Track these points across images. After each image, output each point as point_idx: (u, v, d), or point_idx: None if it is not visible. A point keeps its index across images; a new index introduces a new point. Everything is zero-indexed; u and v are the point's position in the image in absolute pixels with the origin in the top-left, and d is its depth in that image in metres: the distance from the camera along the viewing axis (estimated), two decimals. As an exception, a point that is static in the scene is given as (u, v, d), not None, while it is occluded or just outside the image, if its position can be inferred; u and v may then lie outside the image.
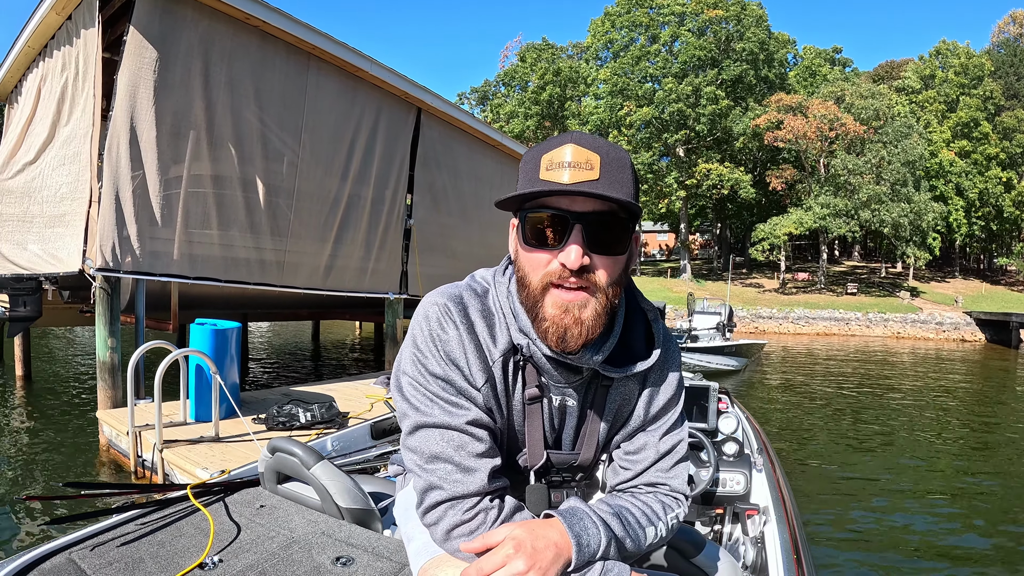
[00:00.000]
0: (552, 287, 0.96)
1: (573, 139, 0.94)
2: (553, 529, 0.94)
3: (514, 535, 0.91)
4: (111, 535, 1.48)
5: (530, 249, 0.97)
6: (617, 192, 0.92)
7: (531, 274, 0.97)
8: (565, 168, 0.92)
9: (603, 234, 0.94)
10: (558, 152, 0.93)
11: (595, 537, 0.96)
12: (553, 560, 0.90)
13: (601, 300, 0.96)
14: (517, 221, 1.01)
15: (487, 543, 0.93)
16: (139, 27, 5.85)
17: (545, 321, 0.97)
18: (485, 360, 1.03)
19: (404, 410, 1.04)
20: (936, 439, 8.24)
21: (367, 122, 8.41)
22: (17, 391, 8.67)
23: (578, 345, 0.98)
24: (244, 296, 8.70)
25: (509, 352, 1.05)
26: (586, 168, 0.92)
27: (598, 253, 0.95)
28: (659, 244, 64.17)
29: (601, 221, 0.94)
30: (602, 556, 0.96)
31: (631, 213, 0.97)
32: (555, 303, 0.95)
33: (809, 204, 36.85)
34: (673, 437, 1.16)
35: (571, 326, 0.95)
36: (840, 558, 4.24)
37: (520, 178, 0.99)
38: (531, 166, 0.96)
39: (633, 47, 41.93)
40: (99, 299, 5.96)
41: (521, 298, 1.02)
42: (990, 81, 42.26)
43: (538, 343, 1.01)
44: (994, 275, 46.53)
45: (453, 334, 1.02)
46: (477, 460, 0.99)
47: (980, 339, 29.41)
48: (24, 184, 7.03)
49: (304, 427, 5.11)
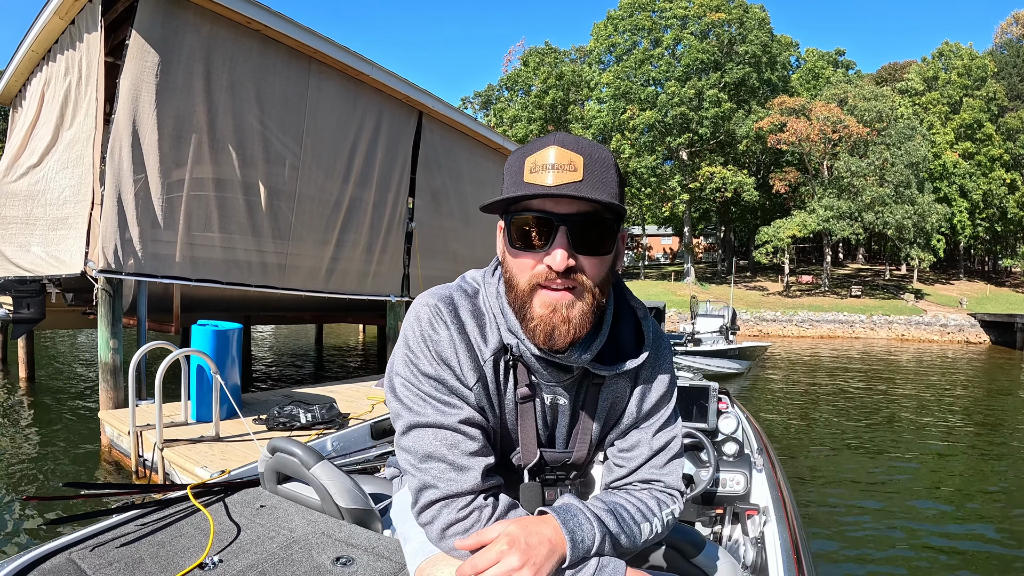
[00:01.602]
0: (539, 288, 0.96)
1: (556, 140, 0.94)
2: (547, 525, 0.94)
3: (508, 531, 0.91)
4: (111, 535, 1.48)
5: (516, 252, 0.98)
6: (601, 193, 0.93)
7: (518, 276, 0.98)
8: (549, 170, 0.92)
9: (588, 235, 0.95)
10: (541, 154, 0.93)
11: (589, 533, 0.97)
12: (547, 556, 0.90)
13: (588, 299, 0.97)
14: (503, 224, 1.02)
15: (481, 540, 0.93)
16: (141, 31, 5.89)
17: (533, 320, 0.97)
18: (476, 360, 1.04)
19: (397, 410, 1.05)
20: (939, 441, 8.21)
21: (369, 125, 8.43)
22: (21, 393, 8.70)
23: (566, 343, 0.98)
24: (246, 299, 8.72)
25: (500, 352, 1.05)
26: (569, 170, 0.92)
27: (584, 254, 0.95)
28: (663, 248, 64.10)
29: (586, 222, 0.94)
30: (597, 552, 0.97)
31: (616, 213, 0.97)
32: (543, 303, 0.96)
33: (813, 207, 36.78)
34: (666, 434, 1.16)
35: (559, 324, 0.96)
36: (840, 558, 4.22)
37: (505, 181, 0.99)
38: (515, 168, 0.96)
39: (636, 51, 41.97)
40: (101, 301, 5.98)
41: (509, 299, 1.02)
42: (993, 82, 42.19)
43: (527, 343, 1.02)
44: (998, 277, 46.38)
45: (444, 334, 1.02)
46: (470, 459, 1.00)
47: (985, 341, 29.30)
48: (28, 187, 7.07)
49: (304, 427, 5.11)
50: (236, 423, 5.13)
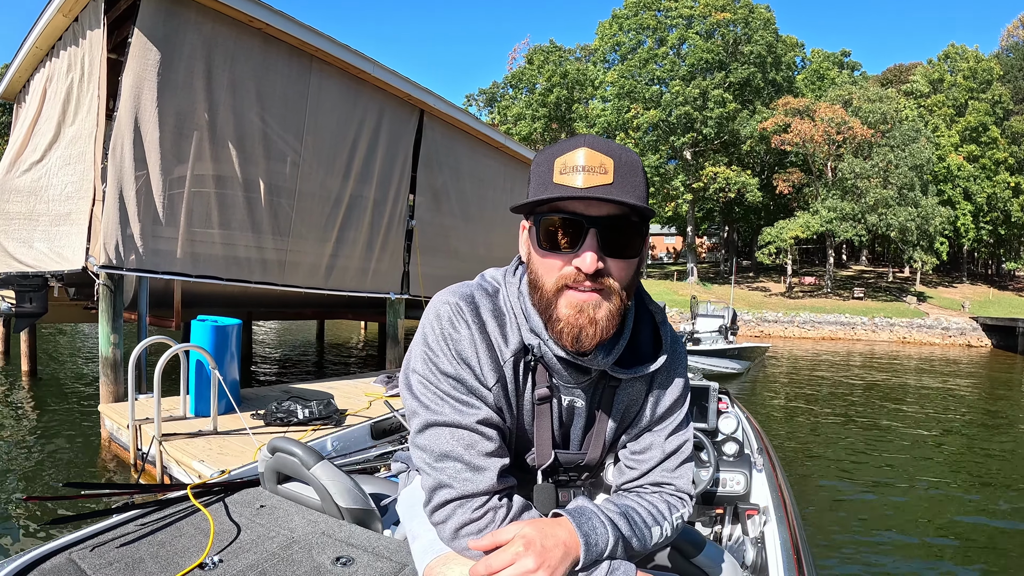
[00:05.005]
0: (566, 288, 0.96)
1: (586, 142, 0.94)
2: (562, 528, 0.95)
3: (523, 533, 0.92)
4: (111, 535, 1.49)
5: (544, 253, 0.97)
6: (631, 196, 0.93)
7: (544, 277, 0.98)
8: (579, 172, 0.92)
9: (617, 238, 0.95)
10: (571, 156, 0.93)
11: (603, 536, 0.97)
12: (562, 559, 0.91)
13: (615, 302, 0.97)
14: (530, 224, 1.01)
15: (496, 541, 0.94)
16: (144, 29, 5.90)
17: (559, 322, 0.97)
18: (496, 359, 1.03)
19: (414, 408, 1.04)
20: (939, 443, 8.20)
21: (369, 123, 8.43)
22: (23, 386, 8.72)
23: (592, 345, 0.98)
24: (247, 295, 8.74)
25: (520, 352, 1.05)
26: (600, 172, 0.92)
27: (612, 257, 0.95)
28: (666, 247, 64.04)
29: (615, 225, 0.94)
30: (609, 555, 0.97)
31: (643, 216, 0.97)
32: (569, 304, 0.96)
33: (816, 208, 36.73)
34: (679, 437, 1.17)
35: (586, 326, 0.96)
36: (840, 558, 4.22)
37: (532, 181, 0.99)
38: (544, 169, 0.96)
39: (641, 50, 41.88)
40: (102, 296, 6.01)
41: (533, 300, 1.02)
42: (999, 85, 42.01)
43: (550, 343, 1.02)
44: (1002, 280, 46.24)
45: (465, 333, 1.02)
46: (487, 459, 1.00)
47: (986, 344, 29.24)
48: (31, 183, 7.09)
49: (302, 423, 5.13)
50: (234, 418, 5.15)
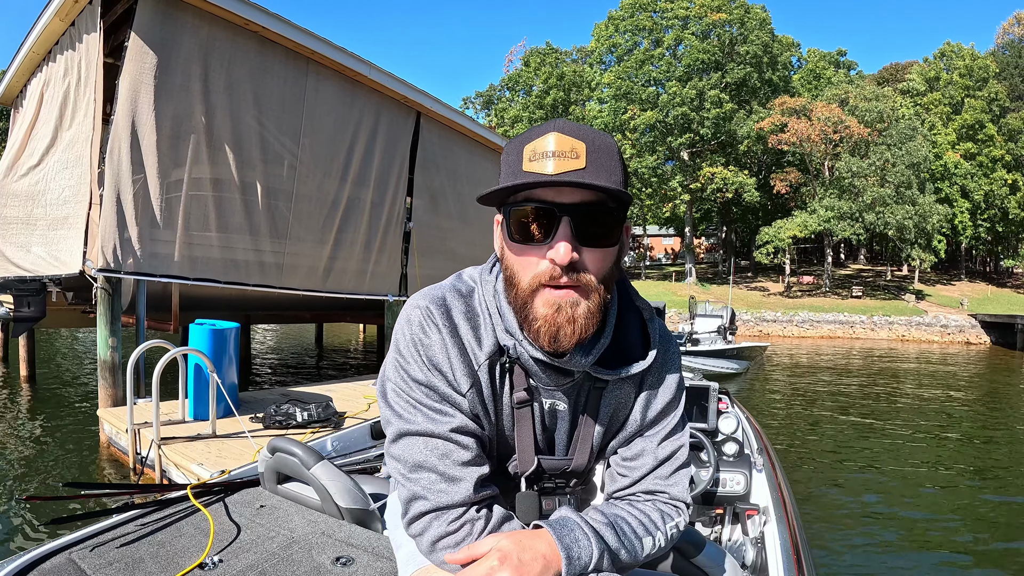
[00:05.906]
0: (542, 286, 0.90)
1: (556, 127, 0.88)
2: (541, 540, 0.90)
3: (500, 546, 0.87)
4: (111, 535, 1.49)
5: (516, 246, 0.91)
6: (605, 180, 0.86)
7: (520, 274, 0.92)
8: (549, 158, 0.86)
9: (593, 226, 0.89)
10: (541, 141, 0.87)
11: (587, 549, 0.91)
12: (540, 573, 0.86)
13: (594, 298, 0.91)
14: (502, 217, 0.95)
15: (472, 554, 0.89)
16: (140, 33, 5.91)
17: (536, 320, 0.91)
18: (470, 364, 0.98)
19: (388, 417, 1.00)
20: (939, 441, 8.21)
21: (366, 125, 8.44)
22: (21, 391, 8.70)
23: (571, 344, 0.92)
24: (245, 298, 8.73)
25: (495, 354, 0.99)
26: (571, 157, 0.86)
27: (588, 246, 0.89)
28: (664, 248, 64.04)
29: (590, 212, 0.88)
30: (595, 568, 0.92)
31: (621, 202, 0.91)
32: (546, 302, 0.90)
33: (814, 207, 36.74)
34: (672, 443, 1.09)
35: (564, 324, 0.90)
36: (840, 558, 4.22)
37: (502, 170, 0.93)
38: (513, 157, 0.90)
39: (637, 51, 41.93)
40: (100, 300, 6.01)
41: (509, 298, 0.96)
42: (995, 83, 42.09)
43: (525, 344, 0.96)
44: (1000, 277, 46.34)
45: (436, 338, 0.97)
46: (462, 469, 0.95)
47: (985, 341, 29.27)
48: (28, 187, 7.08)
49: (300, 426, 5.13)
50: (233, 421, 5.16)
